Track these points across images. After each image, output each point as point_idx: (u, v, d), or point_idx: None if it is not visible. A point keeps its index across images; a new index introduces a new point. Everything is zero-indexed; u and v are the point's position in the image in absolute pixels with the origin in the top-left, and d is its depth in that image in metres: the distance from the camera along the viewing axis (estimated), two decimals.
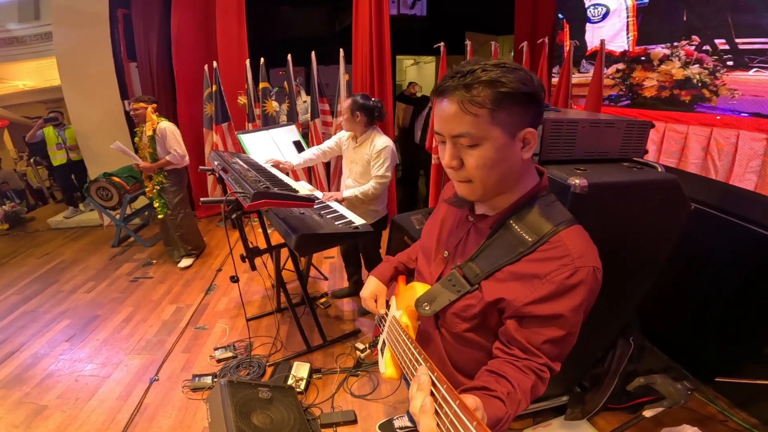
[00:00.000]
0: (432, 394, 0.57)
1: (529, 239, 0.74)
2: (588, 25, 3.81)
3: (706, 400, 1.94)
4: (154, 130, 3.20)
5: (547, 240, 0.73)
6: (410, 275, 1.13)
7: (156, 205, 3.44)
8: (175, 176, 3.42)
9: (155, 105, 3.28)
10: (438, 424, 0.54)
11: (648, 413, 1.58)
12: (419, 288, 0.91)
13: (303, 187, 2.19)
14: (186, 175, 3.60)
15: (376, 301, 1.06)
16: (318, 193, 2.38)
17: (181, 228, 3.57)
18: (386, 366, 0.89)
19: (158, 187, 3.37)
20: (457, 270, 0.82)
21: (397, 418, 1.93)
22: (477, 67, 0.69)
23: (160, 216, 3.49)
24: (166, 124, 3.26)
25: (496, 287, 0.76)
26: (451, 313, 0.83)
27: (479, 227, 0.84)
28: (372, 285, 1.08)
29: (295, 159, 2.64)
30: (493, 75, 0.67)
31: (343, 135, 2.53)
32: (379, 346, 1.04)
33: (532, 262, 0.73)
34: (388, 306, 1.06)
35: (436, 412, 0.55)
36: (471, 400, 0.59)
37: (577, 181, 1.05)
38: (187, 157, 3.42)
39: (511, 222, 0.78)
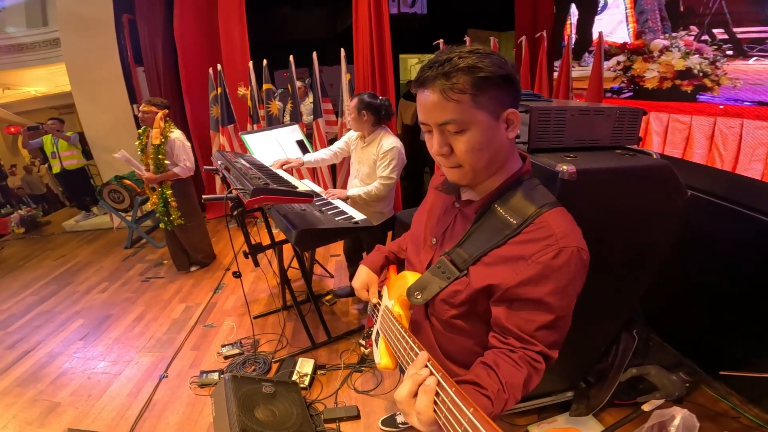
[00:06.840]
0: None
1: (514, 222, 0.75)
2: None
3: (718, 397, 1.89)
4: (165, 140, 3.06)
5: (532, 221, 0.74)
6: (401, 265, 1.13)
7: (163, 217, 3.29)
8: (180, 186, 3.30)
9: (167, 111, 3.11)
10: (435, 410, 0.56)
11: (647, 407, 1.56)
12: (410, 277, 0.92)
13: (307, 186, 2.21)
14: (191, 184, 3.41)
15: (368, 290, 1.07)
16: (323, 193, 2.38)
17: (193, 237, 3.49)
18: (381, 356, 0.90)
19: (163, 200, 3.23)
20: (446, 256, 0.83)
21: (399, 414, 1.93)
22: (453, 54, 0.70)
23: (168, 228, 3.32)
24: (176, 135, 3.11)
25: (483, 272, 0.77)
26: (439, 299, 0.83)
27: (465, 213, 0.85)
28: (363, 275, 1.09)
29: (305, 157, 2.60)
30: (470, 61, 0.69)
31: (352, 135, 2.48)
32: (373, 337, 1.05)
33: (517, 244, 0.74)
34: (380, 296, 1.07)
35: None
36: None
37: (565, 167, 1.04)
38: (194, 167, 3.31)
39: (496, 206, 0.79)
